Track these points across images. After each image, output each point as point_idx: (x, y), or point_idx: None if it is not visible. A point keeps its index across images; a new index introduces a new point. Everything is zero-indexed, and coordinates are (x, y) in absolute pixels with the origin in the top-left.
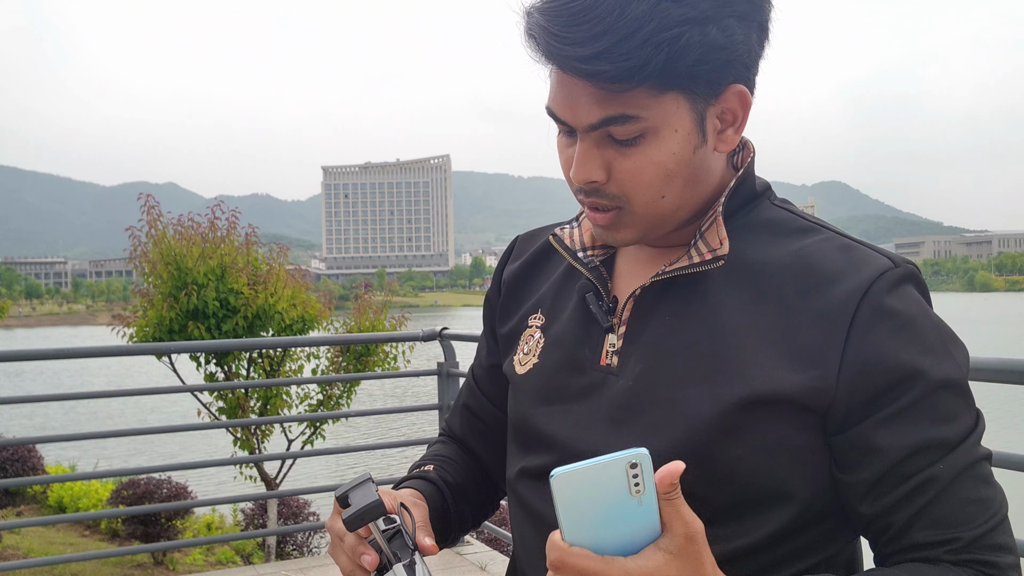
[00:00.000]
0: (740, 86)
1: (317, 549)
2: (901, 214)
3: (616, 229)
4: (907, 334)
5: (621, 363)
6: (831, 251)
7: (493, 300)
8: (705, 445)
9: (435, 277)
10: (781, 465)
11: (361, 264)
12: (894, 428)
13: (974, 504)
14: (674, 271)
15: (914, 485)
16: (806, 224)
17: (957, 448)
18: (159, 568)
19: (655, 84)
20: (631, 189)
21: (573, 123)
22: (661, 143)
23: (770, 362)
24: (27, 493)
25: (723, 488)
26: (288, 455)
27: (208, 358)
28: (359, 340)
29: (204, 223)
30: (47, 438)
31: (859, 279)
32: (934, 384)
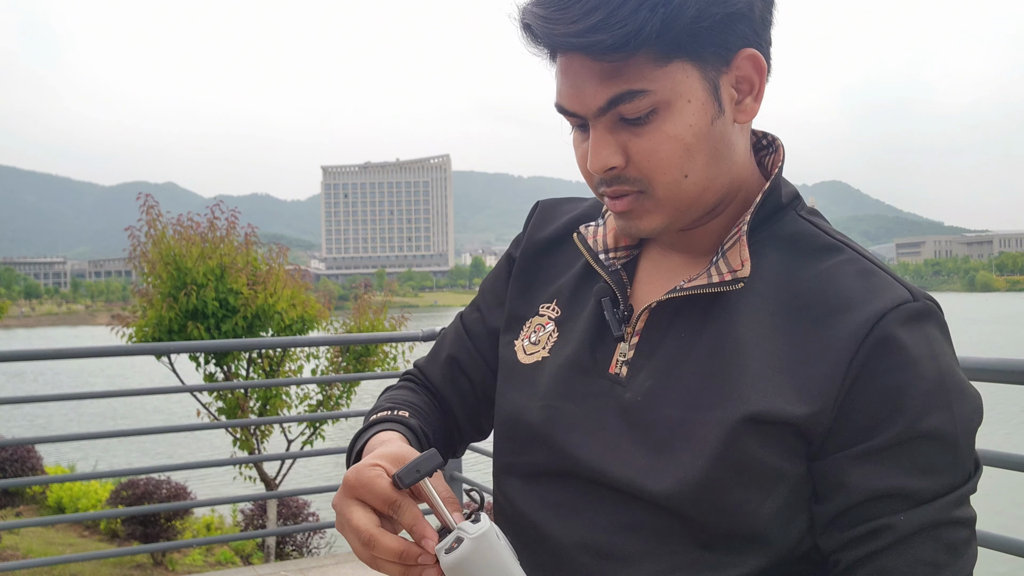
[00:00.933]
0: (751, 50)
1: (316, 549)
2: (902, 214)
3: (638, 216)
4: (905, 374)
5: (630, 375)
6: (851, 276)
7: (512, 264)
8: (709, 470)
9: (435, 277)
10: (775, 498)
11: (361, 264)
12: (866, 467)
13: (927, 567)
14: (691, 289)
15: (869, 529)
16: (831, 242)
17: (926, 504)
18: (158, 568)
19: (657, 52)
20: (651, 169)
21: (582, 111)
22: (675, 116)
23: (774, 389)
24: (26, 493)
25: (720, 516)
26: (288, 455)
27: (207, 358)
28: (359, 340)
29: (203, 223)
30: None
31: (872, 309)
32: (917, 432)
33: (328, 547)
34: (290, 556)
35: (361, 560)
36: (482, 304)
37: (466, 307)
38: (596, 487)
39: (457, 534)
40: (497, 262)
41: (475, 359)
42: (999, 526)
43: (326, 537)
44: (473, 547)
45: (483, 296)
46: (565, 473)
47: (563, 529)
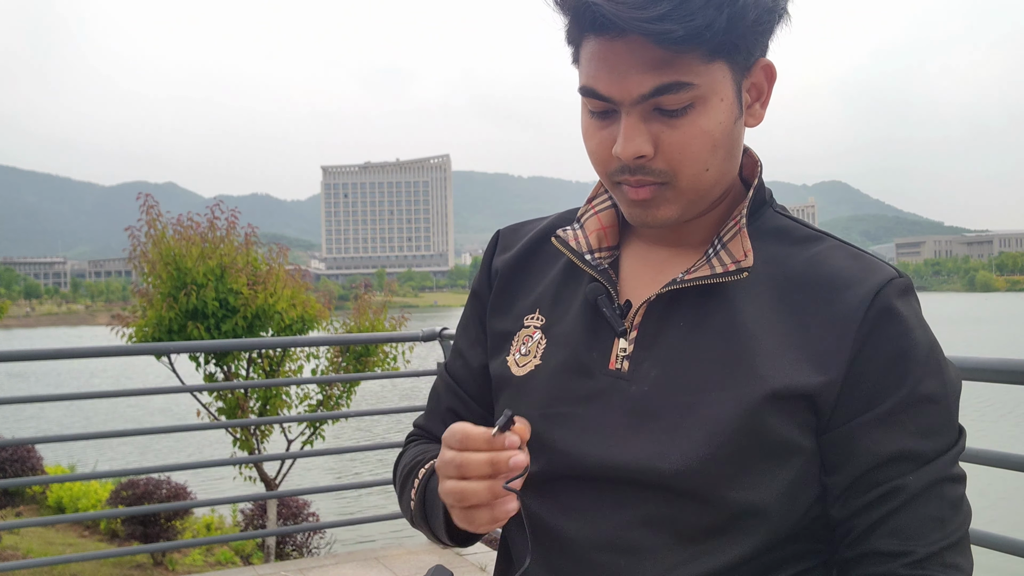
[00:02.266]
0: (768, 59)
1: (316, 549)
2: (902, 214)
3: (657, 206)
4: (905, 341)
5: (633, 368)
6: (843, 258)
7: (483, 295)
8: (725, 448)
9: (435, 277)
10: (787, 472)
11: (361, 264)
12: (875, 433)
13: (935, 522)
14: (693, 280)
15: (882, 492)
16: (812, 233)
17: (930, 464)
18: (158, 568)
19: (708, 49)
20: (679, 162)
21: (620, 96)
22: (709, 112)
23: (790, 365)
24: (26, 493)
25: (735, 492)
26: (288, 455)
27: (207, 358)
28: (359, 340)
29: (203, 223)
30: (46, 438)
31: (871, 284)
32: (919, 396)
33: (328, 547)
34: (290, 556)
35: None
36: (462, 347)
37: (447, 359)
38: (608, 484)
39: None
40: (464, 308)
41: (469, 405)
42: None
43: (326, 537)
44: None
45: (460, 340)
46: (575, 475)
47: (579, 531)
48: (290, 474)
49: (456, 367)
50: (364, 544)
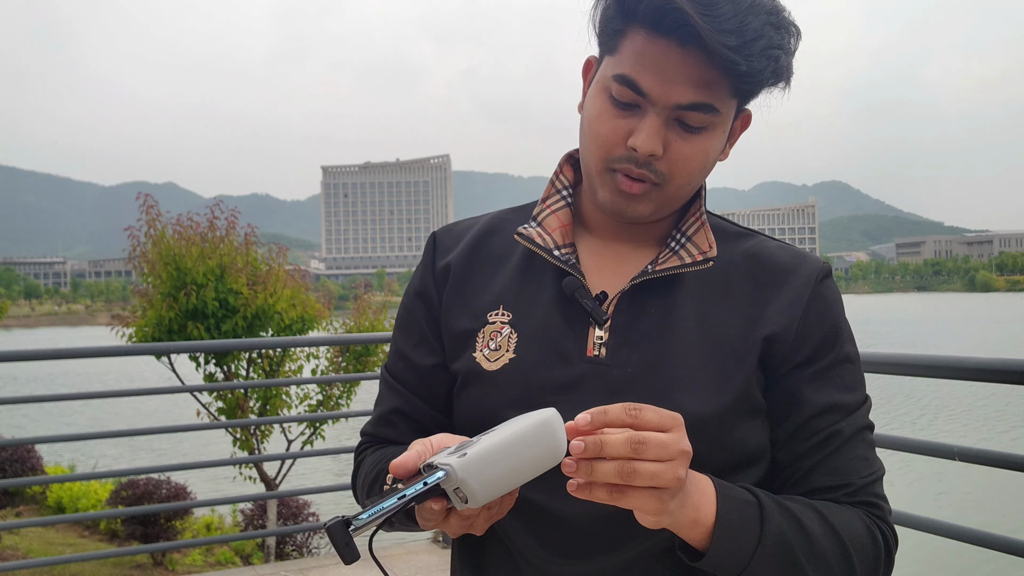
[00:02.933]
0: (750, 111)
1: (317, 550)
2: (902, 214)
3: (640, 201)
4: (835, 314)
5: (611, 354)
6: (775, 249)
7: (430, 295)
8: (718, 419)
9: None
10: (758, 429)
11: (361, 264)
12: (815, 386)
13: (863, 460)
14: (663, 271)
15: (822, 438)
16: (740, 230)
17: (854, 413)
18: (158, 569)
19: (736, 89)
20: (678, 172)
21: (658, 97)
22: (713, 139)
23: (752, 336)
24: (26, 493)
25: (723, 453)
26: (288, 455)
27: (207, 358)
28: (359, 340)
29: (203, 223)
30: (46, 438)
31: (810, 268)
32: (843, 356)
33: (328, 547)
34: (290, 556)
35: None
36: (404, 349)
37: (387, 360)
38: None
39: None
40: (401, 305)
41: (416, 404)
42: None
43: (326, 537)
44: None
45: (400, 342)
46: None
47: (572, 507)
48: (290, 474)
49: (399, 368)
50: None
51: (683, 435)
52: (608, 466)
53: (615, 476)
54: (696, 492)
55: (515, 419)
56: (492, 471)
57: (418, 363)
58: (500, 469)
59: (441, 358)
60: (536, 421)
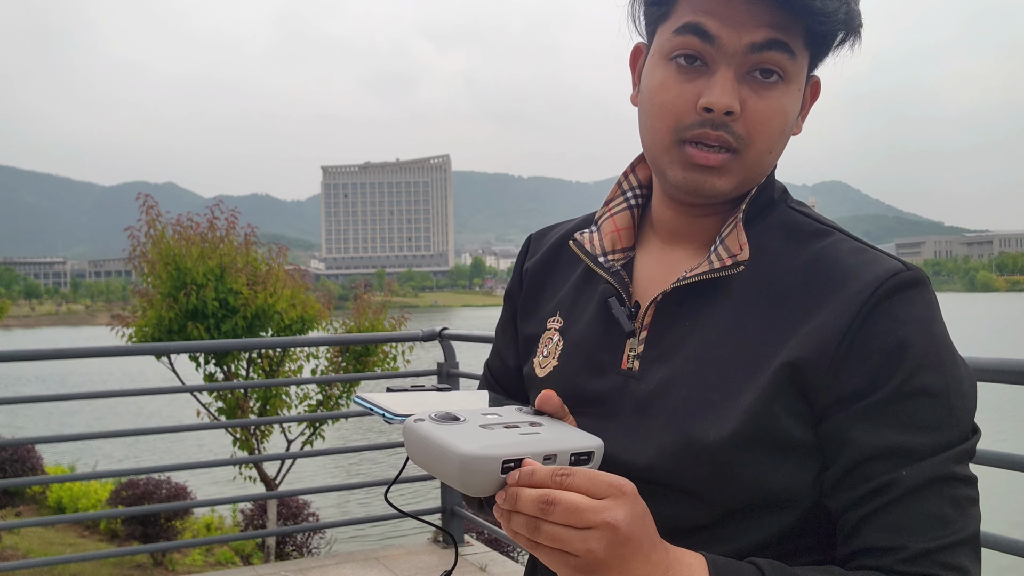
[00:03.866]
0: (819, 77)
1: (316, 550)
2: (902, 214)
3: (719, 175)
4: (901, 334)
5: (643, 368)
6: (845, 252)
7: (516, 298)
8: (723, 449)
9: (435, 277)
10: (787, 468)
11: (361, 264)
12: (868, 424)
13: (933, 519)
14: (695, 276)
15: (874, 487)
16: (820, 227)
17: (927, 459)
18: (158, 569)
19: (808, 37)
20: (757, 132)
21: (729, 40)
22: (790, 94)
23: (789, 357)
24: (26, 493)
25: (733, 491)
26: (288, 455)
27: (207, 358)
28: (359, 340)
29: (203, 223)
30: (46, 438)
31: (870, 276)
32: (913, 389)
33: (328, 547)
34: (290, 556)
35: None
36: (500, 347)
37: (488, 358)
38: None
39: None
40: (502, 309)
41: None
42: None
43: (326, 537)
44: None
45: (499, 340)
46: None
47: None
48: (290, 474)
49: (496, 365)
50: (364, 544)
51: (616, 506)
52: (519, 519)
53: (524, 529)
54: (671, 571)
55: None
56: (420, 453)
57: (509, 363)
58: (425, 459)
59: (521, 362)
60: (457, 451)
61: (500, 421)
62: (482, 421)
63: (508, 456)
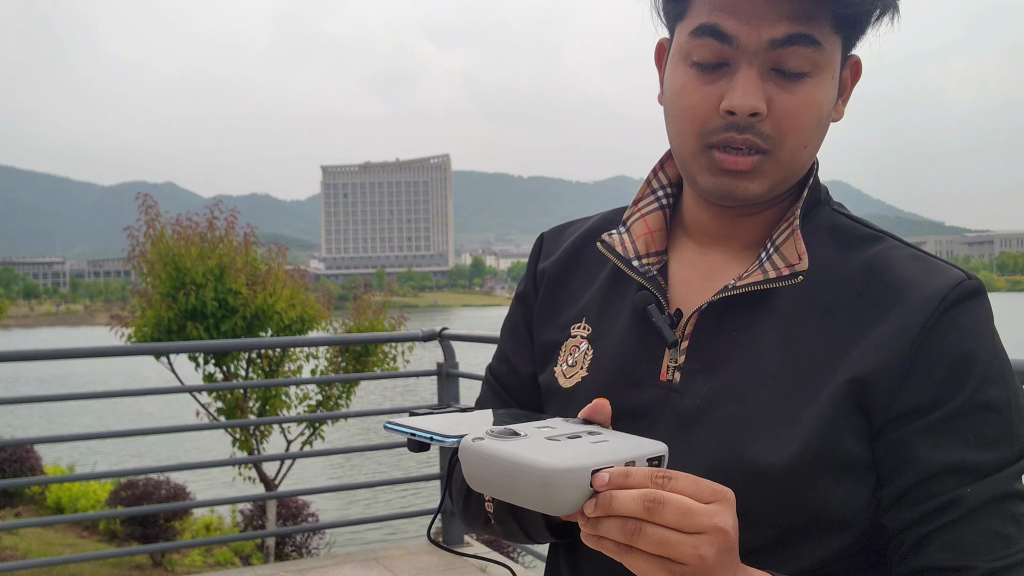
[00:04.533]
0: (858, 56)
1: (316, 550)
2: (903, 214)
3: (751, 178)
4: (967, 346)
5: (684, 380)
6: (902, 260)
7: (529, 300)
8: (785, 472)
9: (435, 277)
10: (845, 488)
11: (360, 264)
12: (931, 440)
13: (997, 538)
14: (745, 287)
15: (938, 504)
16: (870, 232)
17: (990, 476)
18: (158, 569)
19: (838, 20)
20: (787, 129)
21: (747, 39)
22: (823, 84)
23: (847, 374)
24: (25, 494)
25: (791, 514)
26: (287, 456)
27: (207, 358)
28: (359, 340)
29: (202, 223)
30: (45, 438)
31: (935, 287)
32: (979, 403)
33: (328, 547)
34: (290, 557)
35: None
36: (508, 352)
37: (492, 361)
38: None
39: None
40: (510, 306)
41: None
42: None
43: (326, 538)
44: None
45: (506, 345)
46: None
47: None
48: (290, 474)
49: (502, 372)
50: (364, 544)
51: (724, 511)
52: (613, 524)
53: (618, 533)
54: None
55: (601, 438)
56: (487, 474)
57: (520, 370)
58: (495, 480)
59: (534, 369)
60: (544, 466)
61: (560, 432)
62: (544, 434)
63: (597, 466)
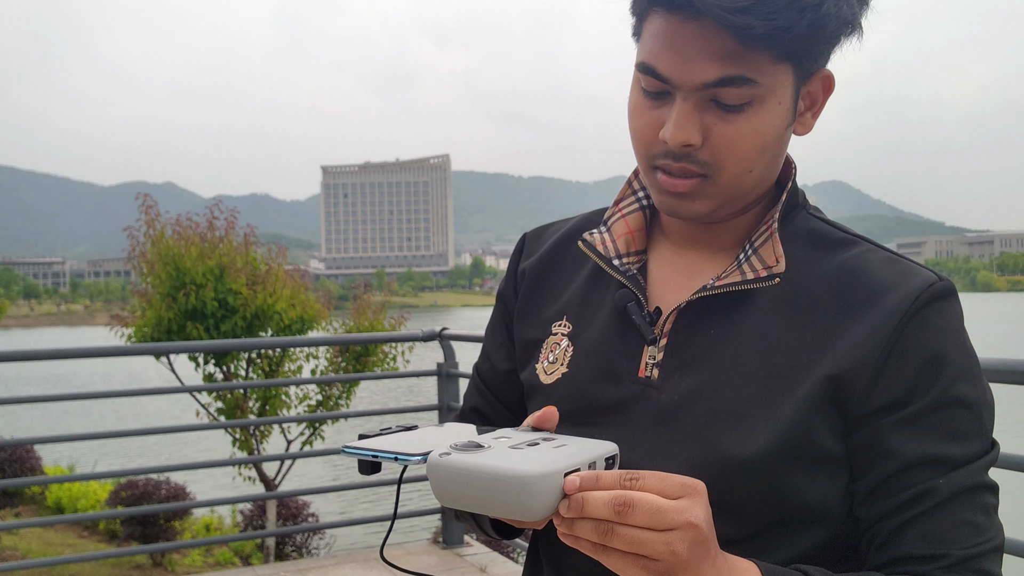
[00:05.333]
0: (828, 70)
1: (316, 550)
2: (903, 214)
3: (693, 199)
4: (939, 344)
5: (663, 376)
6: (877, 263)
7: (509, 300)
8: (759, 463)
9: (435, 277)
10: (821, 481)
11: (360, 264)
12: (906, 433)
13: (968, 527)
14: (724, 287)
15: (912, 495)
16: (846, 236)
17: (961, 468)
18: (158, 569)
19: (780, 51)
20: (725, 157)
21: (681, 80)
22: (765, 113)
23: (822, 371)
24: (25, 494)
25: (769, 506)
26: (287, 456)
27: (207, 358)
28: (359, 340)
29: (202, 223)
30: (46, 438)
31: (908, 289)
32: (950, 399)
33: (328, 547)
34: (290, 557)
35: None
36: (489, 350)
37: (477, 359)
38: None
39: None
40: (492, 310)
41: (495, 406)
42: None
43: (326, 538)
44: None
45: (487, 343)
46: None
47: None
48: (289, 474)
49: (484, 368)
50: (364, 544)
51: (694, 505)
52: (586, 525)
53: (593, 534)
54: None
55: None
56: (457, 489)
57: (499, 367)
58: (466, 493)
59: (515, 365)
60: (520, 473)
61: (519, 441)
62: (504, 444)
63: (567, 468)
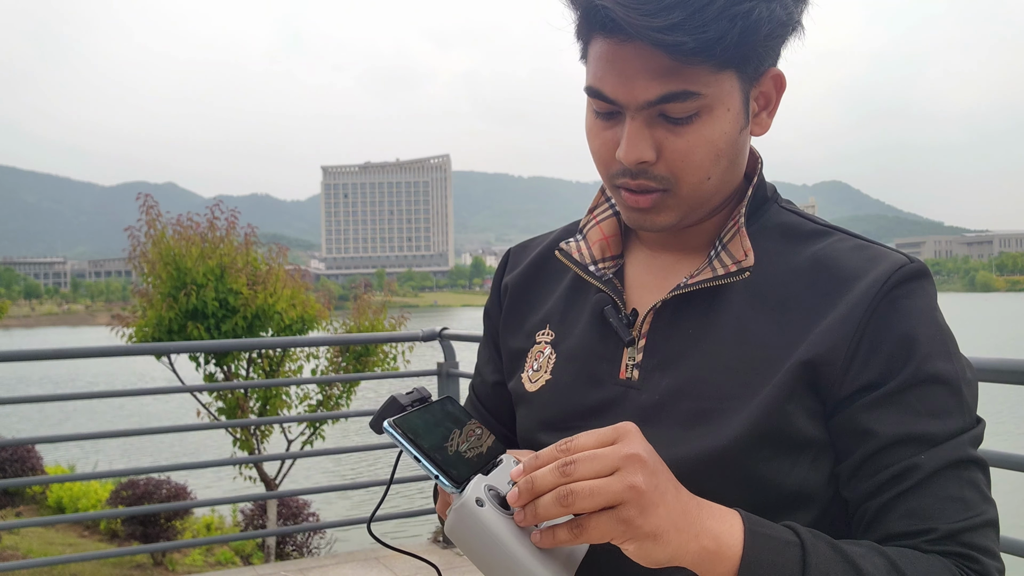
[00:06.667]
0: (777, 69)
1: (316, 550)
2: (902, 214)
3: (657, 212)
4: (910, 323)
5: (643, 377)
6: (847, 251)
7: (495, 315)
8: (738, 449)
9: (435, 277)
10: (802, 466)
11: (361, 264)
12: (882, 412)
13: (955, 502)
14: (696, 284)
15: (894, 473)
16: (817, 228)
17: (943, 444)
18: (158, 569)
19: (718, 61)
20: (681, 169)
21: (625, 101)
22: (714, 122)
23: (798, 360)
24: (26, 493)
25: (749, 492)
26: (288, 455)
27: (207, 358)
28: (359, 340)
29: (203, 223)
30: (46, 438)
31: (878, 272)
32: (926, 375)
33: (328, 547)
34: (290, 556)
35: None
36: (479, 365)
37: (473, 376)
38: None
39: None
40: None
41: (486, 417)
42: None
43: (326, 537)
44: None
45: (479, 358)
46: None
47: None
48: (290, 474)
49: (477, 383)
50: (364, 544)
51: (628, 441)
52: (546, 499)
53: (555, 506)
54: (711, 518)
55: None
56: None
57: (488, 380)
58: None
59: (503, 377)
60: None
61: None
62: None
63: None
